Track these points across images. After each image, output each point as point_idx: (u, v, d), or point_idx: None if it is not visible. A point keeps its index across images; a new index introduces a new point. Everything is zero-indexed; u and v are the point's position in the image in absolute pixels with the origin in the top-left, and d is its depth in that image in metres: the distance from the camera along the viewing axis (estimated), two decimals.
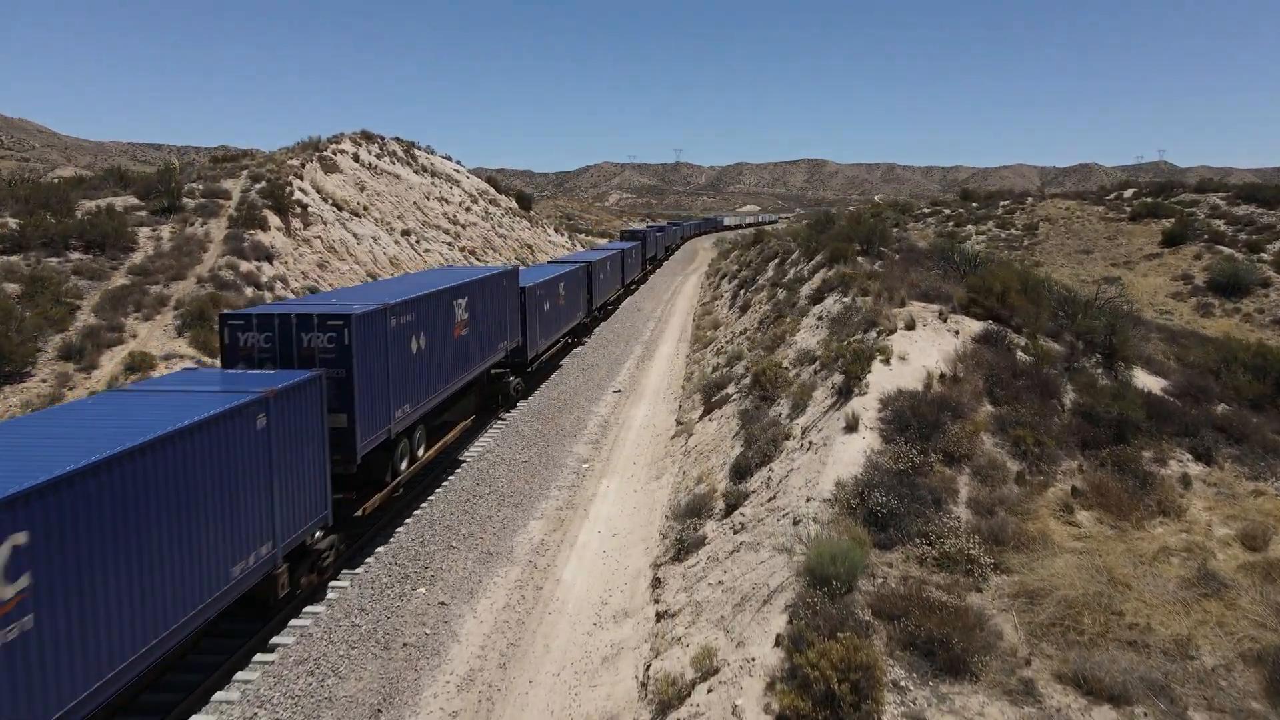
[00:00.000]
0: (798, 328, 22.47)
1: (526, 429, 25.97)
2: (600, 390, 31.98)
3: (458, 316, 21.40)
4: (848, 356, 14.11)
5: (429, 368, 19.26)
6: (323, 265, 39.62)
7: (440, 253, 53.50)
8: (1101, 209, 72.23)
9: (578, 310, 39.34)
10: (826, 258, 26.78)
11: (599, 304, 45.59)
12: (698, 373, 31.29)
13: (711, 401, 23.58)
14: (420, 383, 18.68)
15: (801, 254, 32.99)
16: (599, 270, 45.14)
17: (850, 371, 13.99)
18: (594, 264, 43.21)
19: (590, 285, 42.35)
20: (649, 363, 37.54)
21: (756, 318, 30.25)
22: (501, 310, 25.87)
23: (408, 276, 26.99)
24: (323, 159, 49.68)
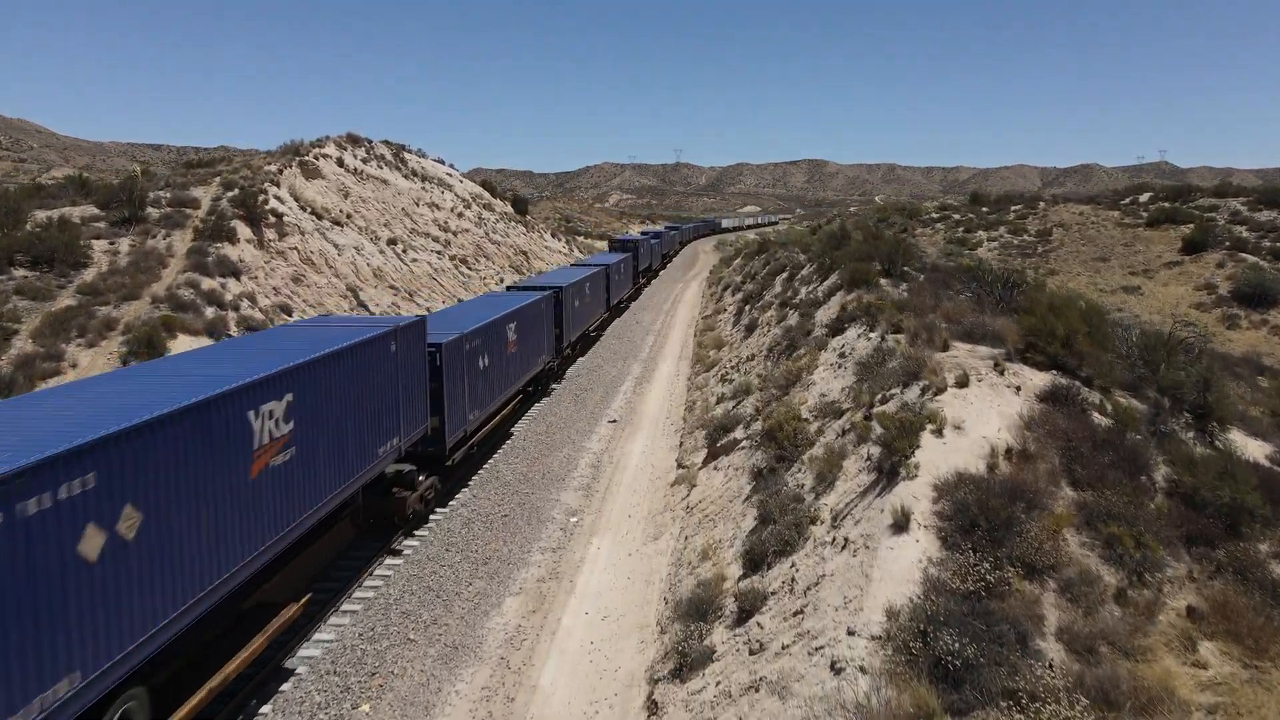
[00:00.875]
0: (815, 364, 19.55)
1: (509, 472, 23.05)
2: (595, 419, 29.07)
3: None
4: (891, 429, 11.19)
5: None
6: (298, 279, 36.73)
7: (429, 263, 50.61)
8: (1117, 214, 69.35)
9: (536, 355, 29.32)
10: (845, 279, 23.86)
11: (572, 338, 36.20)
12: (700, 402, 28.38)
13: (717, 446, 20.67)
14: None
15: (814, 270, 30.06)
16: (573, 296, 35.71)
17: (895, 448, 11.08)
18: (565, 290, 33.98)
19: (561, 316, 33.67)
20: (647, 385, 34.63)
21: (765, 342, 27.32)
22: (381, 391, 16.29)
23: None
24: (303, 164, 46.77)
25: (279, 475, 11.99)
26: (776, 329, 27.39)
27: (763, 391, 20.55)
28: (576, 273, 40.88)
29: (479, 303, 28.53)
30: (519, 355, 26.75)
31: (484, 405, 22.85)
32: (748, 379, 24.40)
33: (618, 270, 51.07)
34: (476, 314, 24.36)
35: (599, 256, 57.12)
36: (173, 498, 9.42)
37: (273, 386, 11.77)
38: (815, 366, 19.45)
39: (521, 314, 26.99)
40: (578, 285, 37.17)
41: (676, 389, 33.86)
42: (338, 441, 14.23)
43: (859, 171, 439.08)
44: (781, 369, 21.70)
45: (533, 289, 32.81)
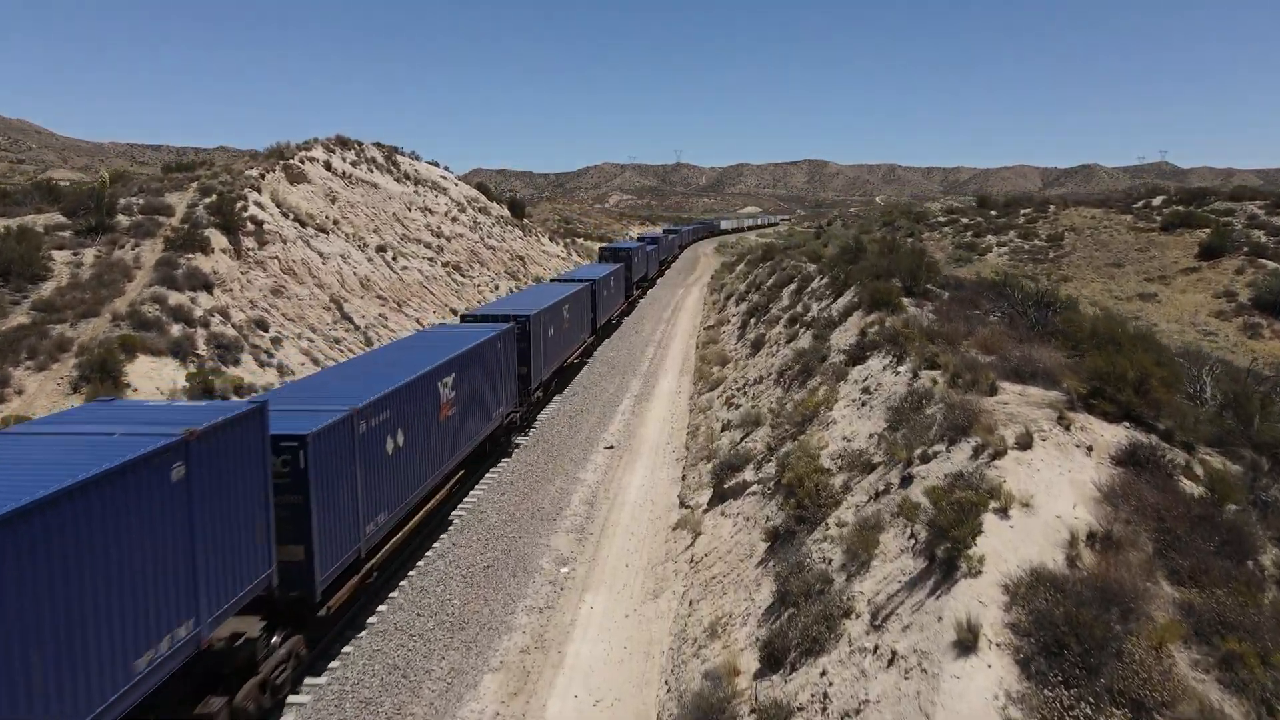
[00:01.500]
0: (835, 398, 17.35)
1: (494, 512, 20.83)
2: (590, 445, 26.86)
3: None
4: (946, 511, 9.01)
5: None
6: (277, 291, 34.53)
7: (420, 270, 48.41)
8: (1130, 218, 67.16)
9: (489, 409, 22.65)
10: (864, 299, 21.67)
11: (544, 376, 29.63)
12: (704, 427, 26.18)
13: (725, 488, 18.47)
14: None
15: (826, 284, 27.85)
16: (545, 324, 29.32)
17: (954, 537, 8.89)
18: (534, 319, 27.56)
19: (530, 351, 27.17)
20: (647, 403, 32.42)
21: (774, 364, 25.12)
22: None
23: None
24: (288, 168, 44.55)
25: None
26: (786, 349, 25.19)
27: (775, 427, 18.34)
28: (552, 293, 33.76)
29: (399, 351, 20.57)
30: (461, 417, 19.87)
31: (397, 502, 15.85)
32: (757, 408, 22.20)
33: (606, 285, 44.08)
34: (385, 372, 16.80)
35: (585, 269, 50.20)
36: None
37: None
38: (835, 401, 17.24)
39: (466, 360, 20.25)
40: (552, 310, 30.47)
41: (678, 408, 31.66)
42: None
43: (859, 172, 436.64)
44: (795, 400, 19.49)
45: (491, 319, 26.32)
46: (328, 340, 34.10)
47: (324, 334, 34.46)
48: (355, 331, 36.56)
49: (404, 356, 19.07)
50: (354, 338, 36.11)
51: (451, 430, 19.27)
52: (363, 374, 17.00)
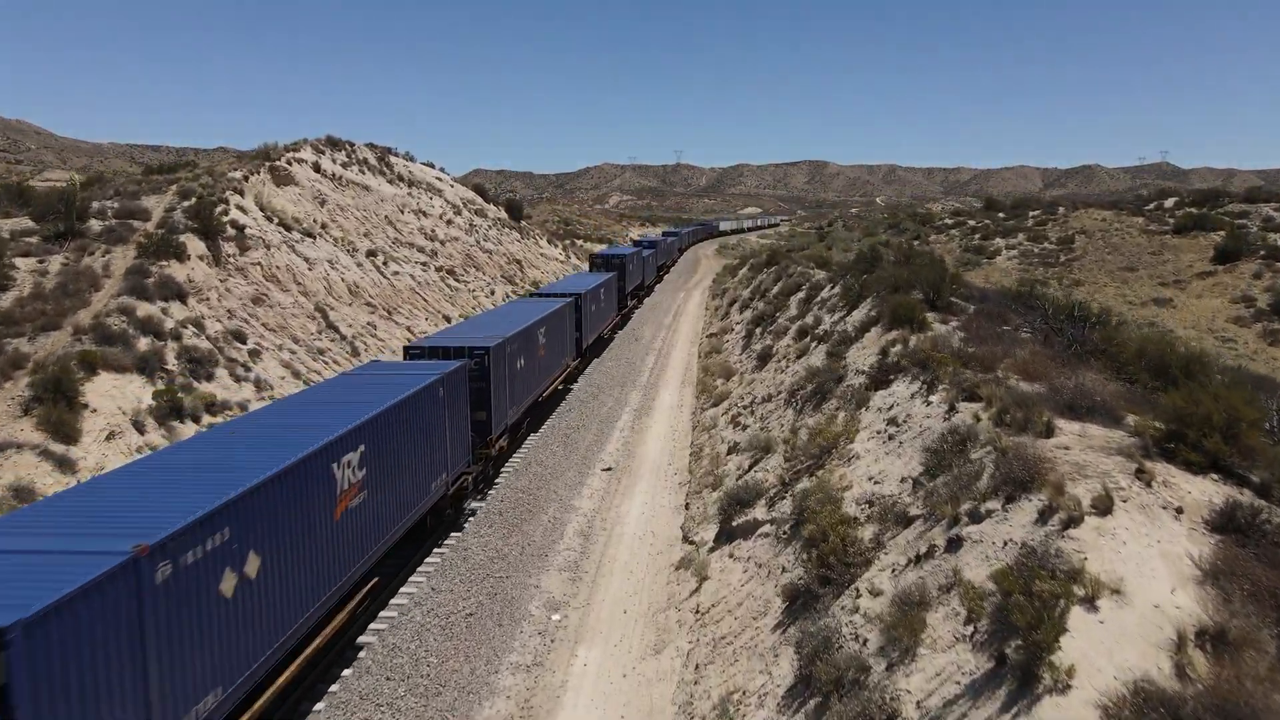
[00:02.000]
0: (856, 428, 15.50)
1: (479, 548, 18.96)
2: (585, 467, 25.02)
3: None
4: (1023, 609, 7.15)
5: None
6: (258, 300, 32.68)
7: (412, 275, 46.56)
8: (1141, 220, 65.32)
9: (426, 478, 17.54)
10: (883, 314, 19.81)
11: (509, 420, 24.05)
12: (709, 449, 24.34)
13: (733, 525, 16.62)
14: None
15: (839, 295, 25.99)
16: (508, 358, 23.50)
17: (1033, 641, 7.04)
18: (492, 353, 21.84)
19: (487, 393, 21.76)
20: (647, 419, 30.57)
21: (785, 381, 23.27)
22: None
23: None
24: (274, 170, 42.70)
25: None
26: (798, 366, 23.34)
27: (789, 459, 16.49)
28: (525, 313, 28.30)
29: (283, 416, 14.44)
30: (374, 505, 14.43)
31: (244, 666, 10.16)
32: (767, 431, 20.35)
33: (595, 298, 38.98)
34: (238, 462, 11.05)
35: (570, 281, 44.02)
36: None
37: None
38: (856, 432, 15.38)
39: (385, 422, 14.79)
40: (523, 336, 24.93)
41: (680, 424, 29.81)
42: None
43: (860, 172, 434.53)
44: (810, 426, 17.63)
45: (441, 352, 21.09)
46: (311, 352, 32.27)
47: (308, 345, 32.62)
48: (341, 342, 34.73)
49: (288, 421, 13.77)
50: (340, 348, 34.28)
51: (356, 527, 13.79)
52: (192, 468, 10.93)
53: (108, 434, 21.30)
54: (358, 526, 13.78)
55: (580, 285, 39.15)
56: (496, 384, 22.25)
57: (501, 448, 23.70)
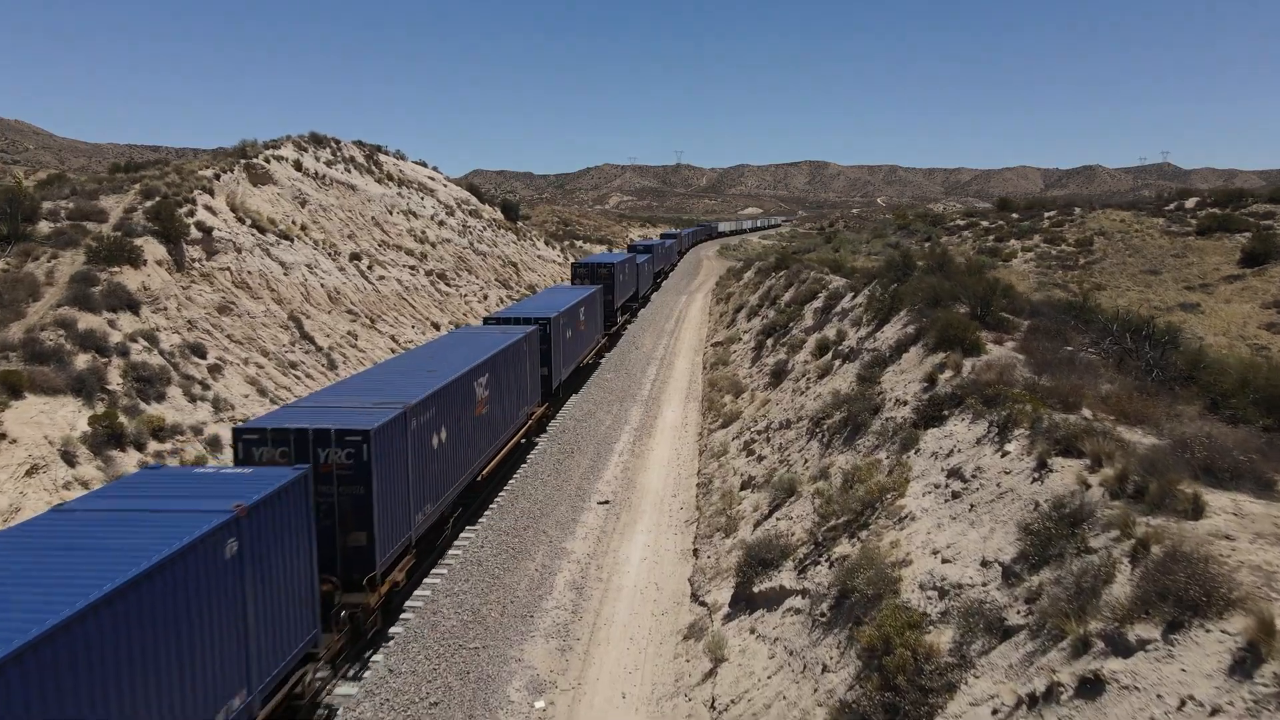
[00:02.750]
0: (906, 478, 12.58)
1: (453, 609, 16.01)
2: (581, 499, 22.10)
3: None
4: None
5: None
6: (225, 309, 29.76)
7: (399, 280, 43.64)
8: (1162, 221, 62.44)
9: (282, 615, 10.83)
10: (926, 331, 16.90)
11: (399, 546, 14.79)
12: (719, 481, 21.42)
13: (754, 592, 13.70)
14: None
15: (863, 305, 23.05)
16: (427, 426, 15.98)
17: None
18: (377, 435, 13.48)
19: (375, 500, 13.57)
20: (649, 440, 27.64)
21: (806, 406, 20.34)
22: None
23: None
24: (251, 168, 39.78)
25: None
26: (821, 388, 20.42)
27: (822, 511, 13.54)
28: (475, 347, 21.02)
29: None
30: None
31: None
32: (789, 468, 17.45)
33: (572, 320, 31.23)
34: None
35: (542, 298, 35.80)
36: None
37: None
38: (907, 482, 12.47)
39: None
40: (450, 393, 17.30)
41: (685, 447, 26.90)
42: None
43: (860, 173, 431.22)
44: (844, 468, 14.71)
45: (287, 437, 13.31)
46: (282, 365, 29.35)
47: (278, 358, 29.71)
48: (316, 353, 31.82)
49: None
50: (314, 360, 31.36)
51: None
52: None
53: (28, 468, 18.39)
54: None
55: (552, 305, 30.71)
56: (383, 484, 13.88)
57: (444, 534, 18.18)
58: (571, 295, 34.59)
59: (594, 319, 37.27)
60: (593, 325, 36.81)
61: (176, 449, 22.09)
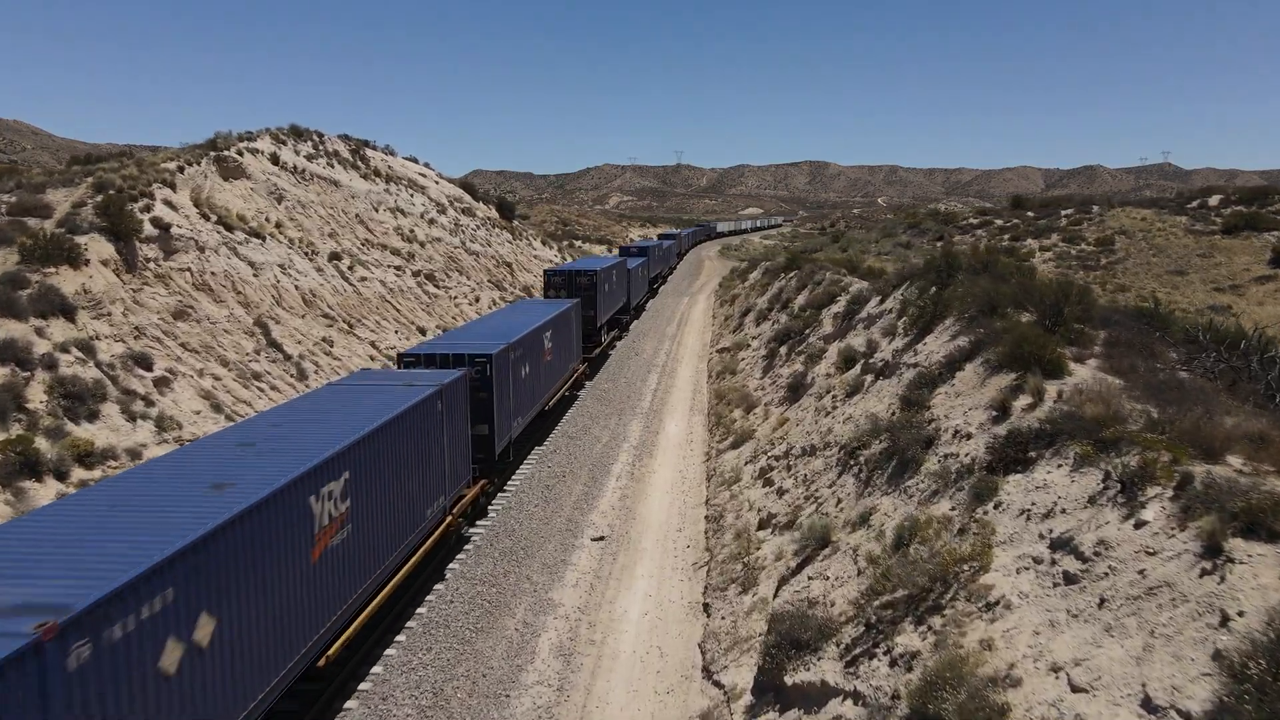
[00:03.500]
0: (989, 547, 9.54)
1: (407, 693, 12.93)
2: (572, 534, 19.06)
3: None
4: None
5: None
6: (181, 314, 26.72)
7: (383, 281, 40.59)
8: (1185, 220, 59.45)
9: None
10: (985, 345, 13.85)
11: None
12: (731, 514, 18.36)
13: (786, 684, 10.64)
14: None
15: (894, 311, 19.97)
16: (252, 537, 9.90)
17: None
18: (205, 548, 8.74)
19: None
20: (650, 460, 24.60)
21: (836, 430, 17.25)
22: None
23: None
24: (221, 161, 36.71)
25: None
26: (851, 408, 17.37)
27: (873, 585, 10.49)
28: (360, 412, 13.88)
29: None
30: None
31: None
32: (818, 510, 14.39)
33: (532, 352, 23.92)
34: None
35: (500, 317, 28.21)
36: None
37: None
38: (991, 551, 9.44)
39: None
40: (382, 436, 13.30)
41: (691, 468, 23.86)
42: None
43: (861, 173, 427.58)
44: (893, 516, 11.67)
45: None
46: (243, 377, 26.31)
47: (240, 368, 26.67)
48: (284, 362, 28.77)
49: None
50: (281, 370, 28.32)
51: None
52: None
53: None
54: None
55: (506, 330, 23.20)
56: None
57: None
58: (536, 315, 26.70)
59: (567, 343, 29.95)
60: (562, 357, 28.97)
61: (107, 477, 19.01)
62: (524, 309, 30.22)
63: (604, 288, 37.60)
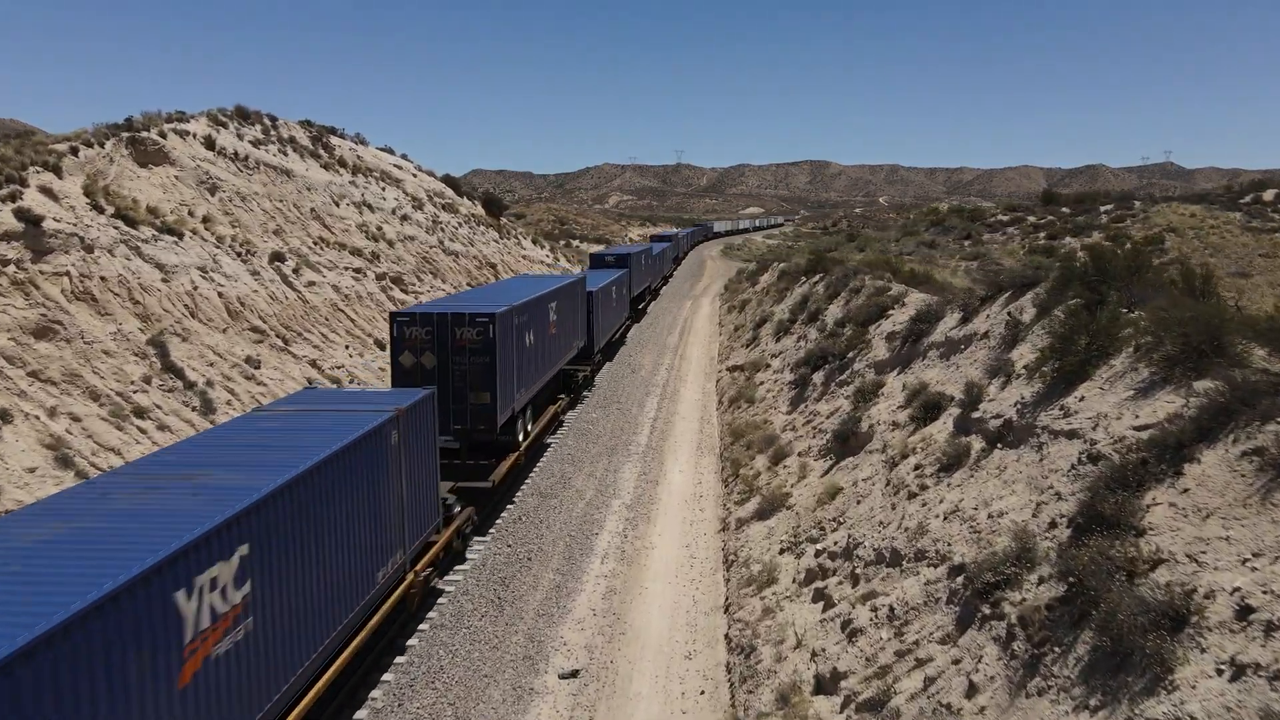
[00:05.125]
0: None
1: None
2: (528, 674, 12.72)
3: None
4: None
5: None
6: (44, 331, 20.42)
7: (337, 285, 34.26)
8: (1239, 216, 53.22)
9: None
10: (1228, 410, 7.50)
11: None
12: (769, 657, 12.01)
13: None
14: None
15: (1008, 345, 13.58)
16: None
17: None
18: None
19: None
20: (647, 529, 18.28)
21: (938, 530, 10.90)
22: None
23: None
24: (138, 144, 30.38)
25: None
26: (960, 496, 11.01)
27: None
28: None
29: None
30: None
31: None
32: (933, 700, 8.06)
33: (326, 488, 9.92)
34: None
35: (291, 408, 13.08)
36: None
37: None
38: None
39: None
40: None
41: (702, 540, 17.55)
42: None
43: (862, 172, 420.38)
44: None
45: None
46: (117, 413, 19.99)
47: (116, 401, 20.36)
48: (183, 391, 22.43)
49: None
50: (178, 402, 21.99)
51: None
52: None
53: None
54: None
55: (314, 446, 10.30)
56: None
57: None
58: (359, 418, 11.99)
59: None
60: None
61: None
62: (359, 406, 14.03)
63: (517, 343, 19.87)
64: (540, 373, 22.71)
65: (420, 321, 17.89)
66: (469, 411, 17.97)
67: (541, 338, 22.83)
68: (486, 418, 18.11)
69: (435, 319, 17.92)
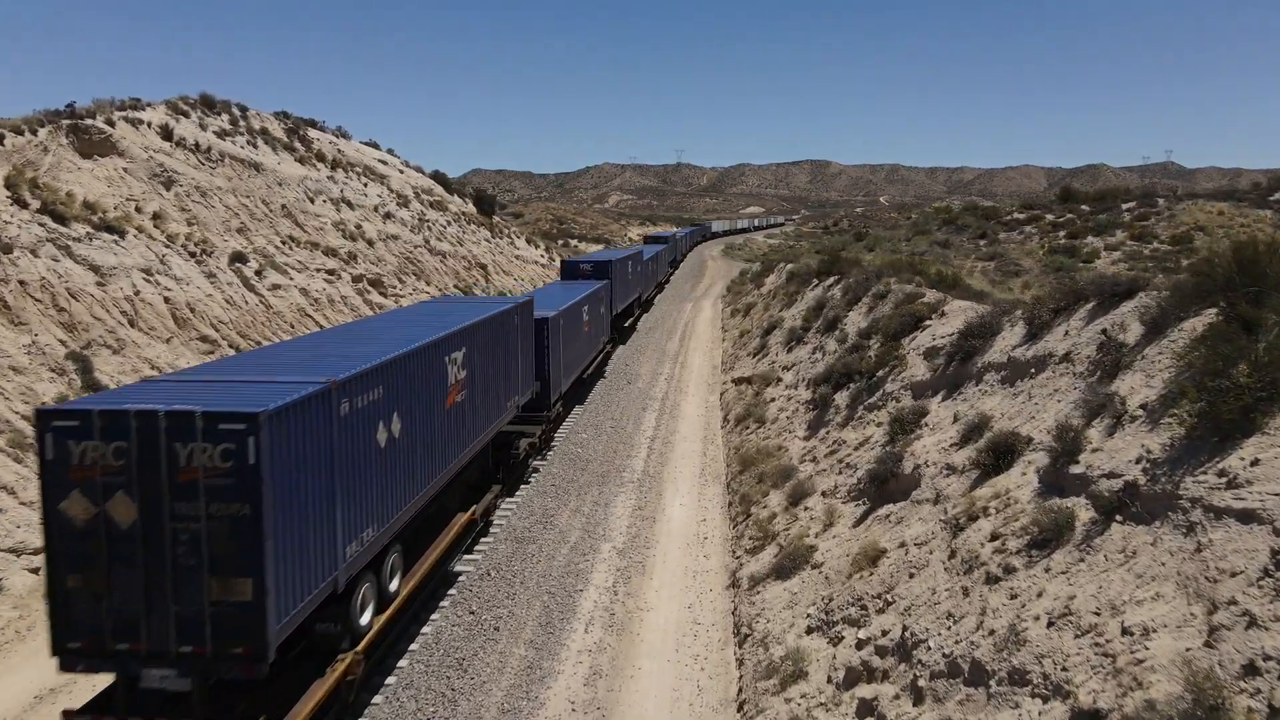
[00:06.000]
0: None
1: None
2: None
3: None
4: None
5: None
6: None
7: (305, 288, 31.15)
8: (1270, 214, 50.16)
9: None
10: None
11: None
12: None
13: None
14: None
15: (1105, 373, 10.52)
16: None
17: None
18: None
19: None
20: (642, 583, 15.18)
21: (1039, 643, 7.84)
22: None
23: None
24: (81, 132, 27.31)
25: None
26: (1073, 594, 7.85)
27: None
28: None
29: None
30: None
31: None
32: None
33: None
34: None
35: None
36: None
37: None
38: None
39: None
40: None
41: (708, 599, 14.50)
42: None
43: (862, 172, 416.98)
44: None
45: None
46: (15, 443, 16.89)
47: (15, 428, 17.26)
48: None
49: None
50: None
51: None
52: None
53: None
54: None
55: None
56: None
57: None
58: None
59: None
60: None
61: None
62: None
63: (307, 462, 9.53)
64: (416, 487, 12.58)
65: (104, 428, 8.15)
66: (205, 618, 8.41)
67: (422, 419, 12.68)
68: (245, 628, 8.41)
69: (134, 421, 8.16)
